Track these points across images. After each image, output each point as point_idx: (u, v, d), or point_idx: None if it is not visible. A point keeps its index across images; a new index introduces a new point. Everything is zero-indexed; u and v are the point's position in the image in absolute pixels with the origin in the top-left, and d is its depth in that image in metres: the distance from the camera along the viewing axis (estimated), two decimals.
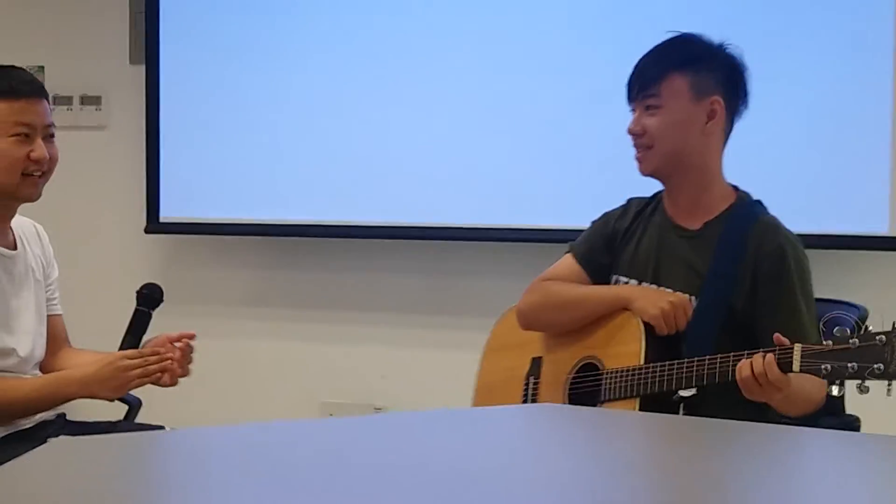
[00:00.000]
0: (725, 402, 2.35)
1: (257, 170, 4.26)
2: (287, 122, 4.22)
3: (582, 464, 1.65)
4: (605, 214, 2.76)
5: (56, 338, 2.89)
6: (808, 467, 1.69)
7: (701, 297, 2.48)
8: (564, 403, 2.61)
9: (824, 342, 2.19)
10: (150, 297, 2.84)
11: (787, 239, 2.49)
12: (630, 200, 2.72)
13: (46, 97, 2.75)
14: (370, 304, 4.28)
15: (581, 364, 2.62)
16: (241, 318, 4.42)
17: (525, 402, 2.72)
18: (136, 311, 2.83)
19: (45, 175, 2.70)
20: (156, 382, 2.69)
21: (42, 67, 4.46)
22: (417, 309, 4.22)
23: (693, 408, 2.40)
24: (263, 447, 1.69)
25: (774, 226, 2.52)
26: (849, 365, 2.13)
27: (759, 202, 2.59)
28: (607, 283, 2.68)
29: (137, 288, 2.83)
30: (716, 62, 2.55)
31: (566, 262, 2.75)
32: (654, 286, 2.57)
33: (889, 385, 2.11)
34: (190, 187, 4.32)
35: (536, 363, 2.75)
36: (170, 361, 2.69)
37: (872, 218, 3.51)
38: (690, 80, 2.51)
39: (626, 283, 2.65)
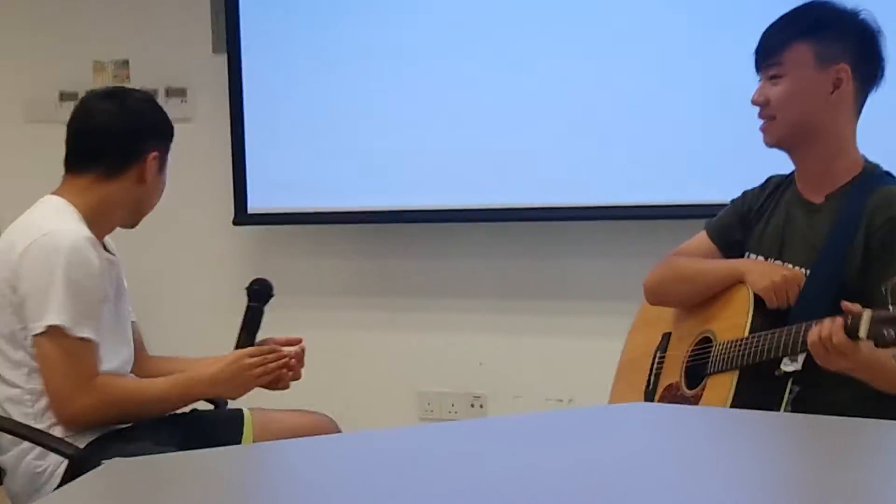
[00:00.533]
0: (832, 378, 2.32)
1: (345, 157, 4.26)
2: (373, 108, 4.22)
3: (666, 467, 1.59)
4: (744, 193, 2.75)
5: (134, 345, 2.96)
6: None
7: (813, 270, 2.47)
8: (681, 379, 2.64)
9: (892, 307, 2.14)
10: (261, 293, 2.89)
11: None
12: (770, 178, 2.71)
13: None
14: (466, 290, 4.29)
15: (700, 337, 2.64)
16: (334, 309, 4.46)
17: (650, 377, 2.77)
18: (249, 307, 2.88)
19: None
20: (273, 385, 2.81)
21: (126, 62, 4.59)
22: (515, 294, 4.22)
23: (805, 379, 2.38)
24: (343, 462, 1.68)
25: (893, 195, 2.46)
26: None
27: (888, 173, 2.53)
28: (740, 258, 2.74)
29: (246, 284, 2.88)
30: (844, 29, 2.50)
31: (699, 239, 2.78)
32: (774, 260, 2.57)
33: None
34: (277, 177, 4.35)
35: (666, 338, 2.79)
36: (290, 359, 2.79)
37: None
38: (815, 48, 2.47)
39: (755, 256, 2.68)
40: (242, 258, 4.52)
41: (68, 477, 2.56)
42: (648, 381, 2.77)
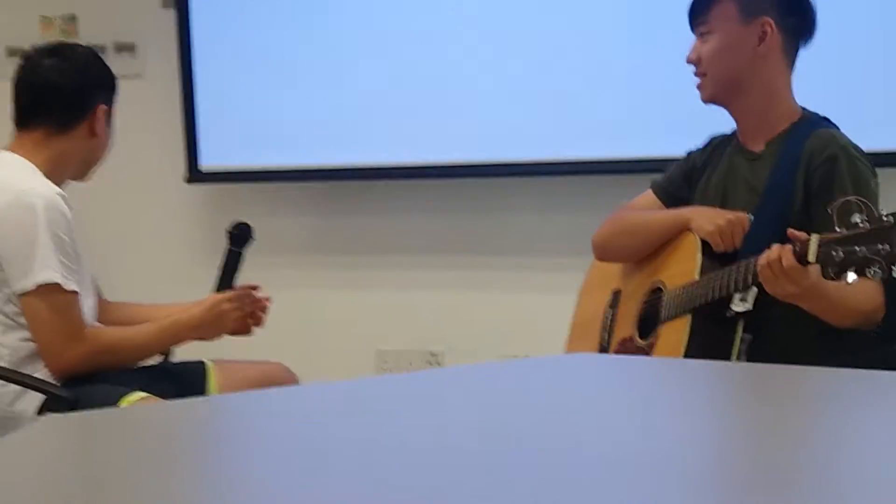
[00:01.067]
0: (787, 312, 2.35)
1: (300, 113, 4.25)
2: (323, 63, 4.21)
3: (611, 413, 1.55)
4: (688, 153, 2.81)
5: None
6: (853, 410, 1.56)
7: (756, 213, 2.52)
8: (634, 331, 2.69)
9: (837, 230, 2.18)
10: (240, 237, 2.94)
11: (843, 149, 2.48)
12: (712, 138, 2.78)
13: None
14: (425, 247, 4.30)
15: (651, 289, 2.70)
16: (292, 267, 4.45)
17: (603, 333, 2.82)
18: (229, 250, 2.92)
19: None
20: (240, 331, 2.90)
21: (74, 16, 4.56)
22: (471, 251, 4.23)
23: (755, 320, 2.41)
24: (300, 413, 1.62)
25: (829, 136, 2.51)
26: (857, 248, 2.13)
27: (825, 118, 2.60)
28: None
29: (198, 242, 2.96)
30: None
31: (645, 196, 2.83)
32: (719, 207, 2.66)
33: (892, 270, 2.13)
34: (231, 134, 4.34)
35: (616, 295, 2.85)
36: (266, 301, 2.94)
37: None
38: (739, 3, 2.54)
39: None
40: (196, 216, 4.53)
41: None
42: (602, 338, 2.82)
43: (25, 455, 1.34)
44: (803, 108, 2.61)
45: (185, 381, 2.95)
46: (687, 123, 2.90)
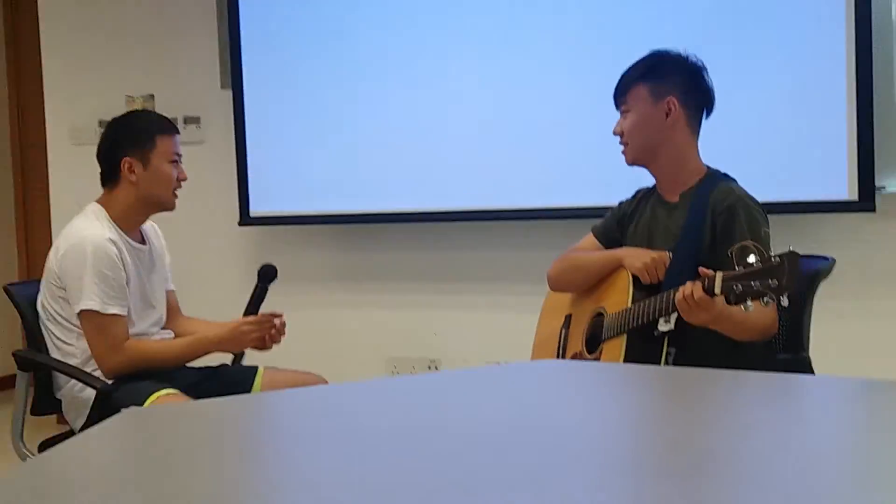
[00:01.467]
0: (699, 334, 2.42)
1: (327, 171, 4.32)
2: (351, 133, 4.27)
3: (576, 409, 1.65)
4: (619, 203, 2.88)
5: (171, 308, 3.18)
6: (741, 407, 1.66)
7: (675, 253, 2.56)
8: (583, 347, 2.71)
9: (737, 268, 2.23)
10: (266, 275, 3.02)
11: (740, 199, 2.53)
12: (638, 190, 2.84)
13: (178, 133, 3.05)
14: (426, 276, 4.36)
15: (595, 314, 2.72)
16: (320, 292, 4.53)
17: (558, 350, 2.83)
18: (256, 286, 3.01)
19: None
20: (260, 346, 2.97)
21: (152, 95, 4.74)
22: (464, 279, 4.28)
23: (677, 338, 2.47)
24: (331, 406, 1.75)
25: (729, 190, 2.56)
26: (753, 283, 2.19)
27: (726, 175, 2.66)
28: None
29: (249, 273, 2.91)
30: (672, 69, 2.65)
31: (588, 239, 2.89)
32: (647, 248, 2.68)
33: (781, 299, 2.16)
34: (272, 188, 4.43)
35: (568, 319, 2.87)
36: (277, 325, 2.95)
37: (835, 186, 3.52)
38: (650, 87, 2.63)
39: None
40: (246, 252, 4.62)
41: (96, 403, 2.81)
42: (558, 352, 2.83)
43: (100, 445, 1.46)
44: (708, 166, 2.67)
45: (234, 381, 3.06)
46: (620, 179, 2.89)
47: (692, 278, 2.37)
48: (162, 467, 1.31)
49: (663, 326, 2.45)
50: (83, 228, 2.88)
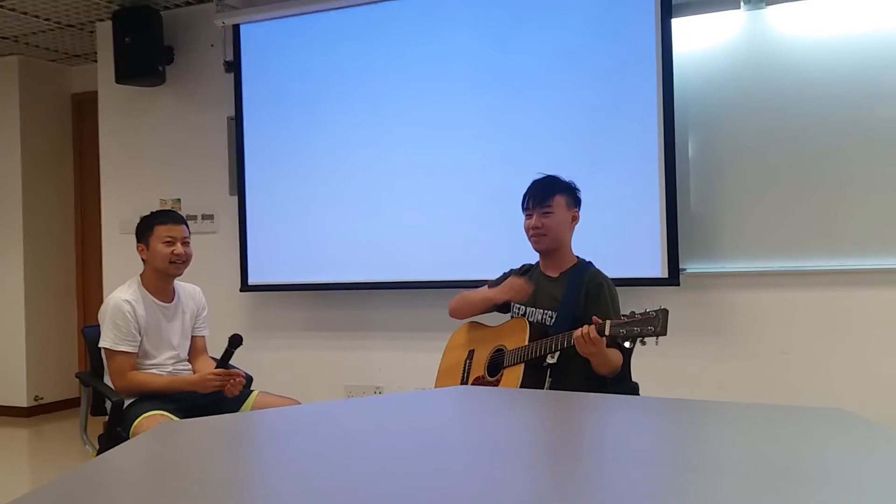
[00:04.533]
0: (573, 365, 2.41)
1: (302, 254, 4.22)
2: (319, 228, 4.17)
3: (485, 422, 1.64)
4: (510, 269, 2.79)
5: (195, 348, 3.02)
6: (603, 420, 1.67)
7: (559, 311, 2.52)
8: (485, 372, 2.60)
9: (622, 317, 2.25)
10: (234, 342, 2.80)
11: (604, 279, 2.54)
12: (523, 265, 2.76)
13: (185, 223, 2.93)
14: (372, 327, 4.27)
15: (495, 350, 2.63)
16: (294, 338, 4.42)
17: (463, 376, 2.71)
18: (227, 349, 2.80)
19: (185, 263, 2.88)
20: (225, 392, 2.79)
21: (179, 199, 4.68)
22: (400, 328, 4.20)
23: (556, 369, 2.44)
24: (305, 418, 1.72)
25: (597, 272, 2.57)
26: (635, 328, 2.20)
27: (590, 262, 2.64)
28: (509, 308, 2.72)
29: (230, 334, 2.79)
30: (574, 190, 2.62)
31: (482, 288, 2.79)
32: (532, 308, 2.61)
33: (657, 341, 2.19)
34: (264, 265, 4.32)
35: (471, 353, 2.74)
36: (235, 381, 2.77)
37: (652, 268, 3.52)
38: (566, 198, 2.59)
39: (517, 307, 2.66)
40: (244, 309, 4.52)
41: (112, 411, 2.71)
42: (463, 377, 2.73)
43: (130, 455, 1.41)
44: (577, 255, 2.66)
45: (228, 402, 2.83)
46: (502, 257, 2.89)
47: (571, 327, 2.37)
48: (171, 467, 1.29)
49: (550, 360, 2.41)
50: (112, 294, 2.84)
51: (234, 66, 4.35)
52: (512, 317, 2.69)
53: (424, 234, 3.97)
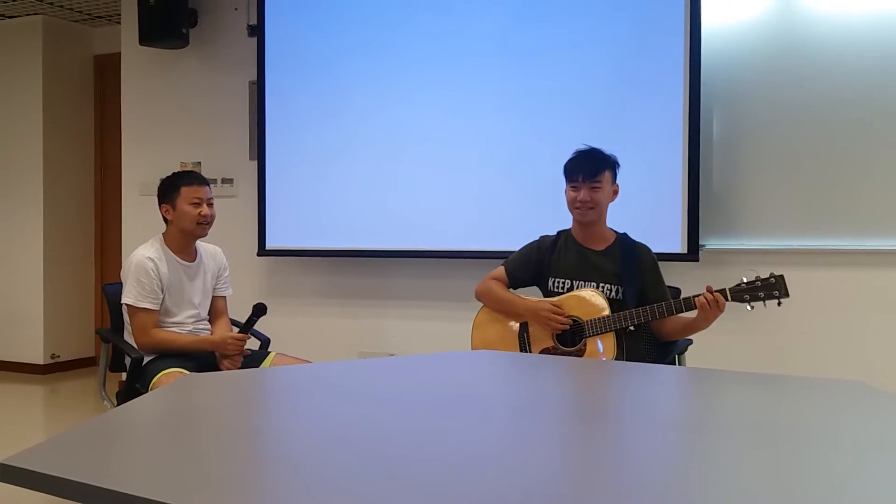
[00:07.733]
0: (638, 333, 2.50)
1: (320, 219, 4.20)
2: (337, 192, 4.13)
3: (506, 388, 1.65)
4: (529, 246, 2.75)
5: (216, 309, 3.03)
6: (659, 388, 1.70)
7: (624, 286, 2.57)
8: (555, 343, 2.57)
9: (742, 282, 2.37)
10: (258, 311, 2.82)
11: (651, 251, 2.65)
12: (542, 237, 2.74)
13: (208, 184, 2.95)
14: (389, 294, 4.27)
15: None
16: (311, 304, 4.42)
17: (524, 346, 2.62)
18: (249, 318, 2.83)
19: (209, 224, 2.91)
20: (234, 360, 2.82)
21: (200, 162, 4.67)
22: (415, 297, 4.20)
23: (629, 337, 2.50)
24: (331, 377, 1.75)
25: (644, 246, 2.65)
26: (760, 293, 2.36)
27: (625, 233, 2.70)
28: (529, 286, 2.72)
29: (253, 302, 2.82)
30: (615, 165, 2.65)
31: (499, 271, 2.76)
32: (582, 282, 2.61)
33: (779, 302, 2.34)
34: (282, 230, 4.30)
35: (523, 325, 2.65)
36: (235, 359, 2.81)
37: (673, 243, 3.49)
38: (610, 174, 2.62)
39: (562, 282, 2.65)
40: (262, 274, 4.50)
41: (131, 368, 2.72)
42: (524, 348, 2.62)
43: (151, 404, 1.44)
44: (613, 229, 2.69)
45: (246, 363, 2.87)
46: (518, 230, 2.84)
47: (638, 301, 2.48)
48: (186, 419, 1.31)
49: (631, 327, 2.48)
50: (135, 252, 2.86)
51: (257, 31, 4.33)
52: (556, 292, 2.65)
53: (442, 202, 3.95)
